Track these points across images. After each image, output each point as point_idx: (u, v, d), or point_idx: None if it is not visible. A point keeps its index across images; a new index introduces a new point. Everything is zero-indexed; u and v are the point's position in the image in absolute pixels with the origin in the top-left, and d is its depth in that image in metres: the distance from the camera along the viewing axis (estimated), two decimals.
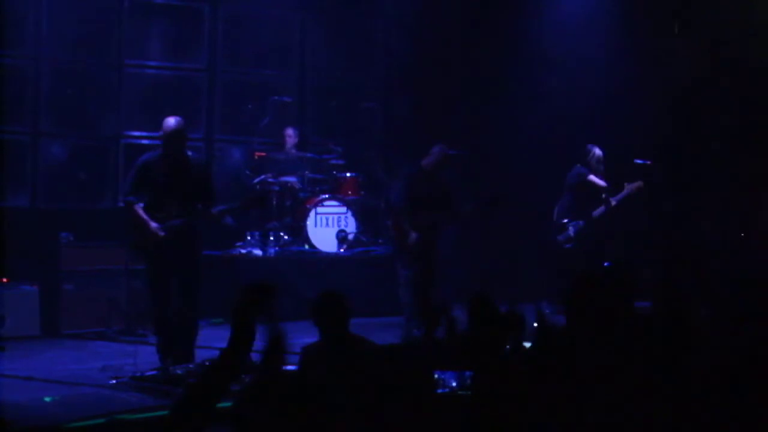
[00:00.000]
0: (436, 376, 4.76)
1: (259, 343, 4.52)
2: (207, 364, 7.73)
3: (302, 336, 6.04)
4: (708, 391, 4.61)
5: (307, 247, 12.05)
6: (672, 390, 4.60)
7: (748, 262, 11.32)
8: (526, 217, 11.78)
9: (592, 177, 11.19)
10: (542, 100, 12.44)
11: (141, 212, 8.35)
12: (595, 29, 12.77)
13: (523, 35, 12.82)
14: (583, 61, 12.57)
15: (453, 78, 12.97)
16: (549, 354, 4.75)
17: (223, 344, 4.07)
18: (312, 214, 12.08)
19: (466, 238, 11.84)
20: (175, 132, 8.42)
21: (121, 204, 8.64)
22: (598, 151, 11.31)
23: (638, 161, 11.52)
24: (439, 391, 4.70)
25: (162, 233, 8.28)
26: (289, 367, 4.79)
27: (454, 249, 11.38)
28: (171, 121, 8.44)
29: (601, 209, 11.17)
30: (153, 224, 8.29)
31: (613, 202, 11.19)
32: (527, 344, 5.09)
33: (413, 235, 9.80)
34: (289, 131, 12.58)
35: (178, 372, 7.84)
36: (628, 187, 11.15)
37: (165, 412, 6.62)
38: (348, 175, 12.56)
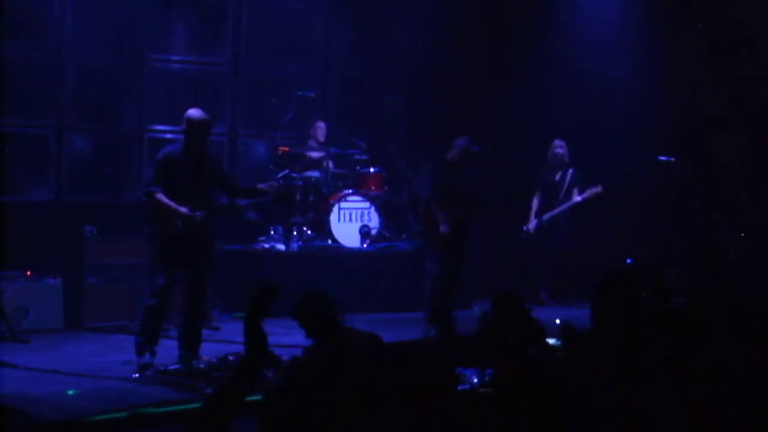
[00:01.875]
0: (457, 372, 4.75)
1: (292, 339, 4.54)
2: (230, 359, 7.77)
3: None
4: (733, 389, 4.57)
5: (330, 242, 12.03)
6: (697, 389, 4.56)
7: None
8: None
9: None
10: (564, 96, 12.39)
11: (167, 200, 8.13)
12: (619, 26, 12.72)
13: (547, 31, 12.77)
14: (606, 57, 12.50)
15: (476, 73, 12.92)
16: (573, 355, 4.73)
17: None
18: (335, 209, 12.06)
19: (492, 233, 11.83)
20: (200, 123, 8.27)
21: (142, 196, 8.41)
22: (556, 143, 12.03)
23: (662, 158, 11.48)
24: (460, 387, 4.69)
25: (197, 214, 8.09)
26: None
27: (481, 245, 11.39)
28: (194, 112, 8.30)
29: (557, 210, 11.83)
30: (183, 209, 8.10)
31: (579, 199, 11.76)
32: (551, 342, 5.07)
33: (445, 226, 9.75)
34: (321, 124, 12.60)
35: (201, 366, 7.85)
36: (589, 191, 11.65)
37: (187, 406, 6.66)
38: (371, 170, 12.53)
